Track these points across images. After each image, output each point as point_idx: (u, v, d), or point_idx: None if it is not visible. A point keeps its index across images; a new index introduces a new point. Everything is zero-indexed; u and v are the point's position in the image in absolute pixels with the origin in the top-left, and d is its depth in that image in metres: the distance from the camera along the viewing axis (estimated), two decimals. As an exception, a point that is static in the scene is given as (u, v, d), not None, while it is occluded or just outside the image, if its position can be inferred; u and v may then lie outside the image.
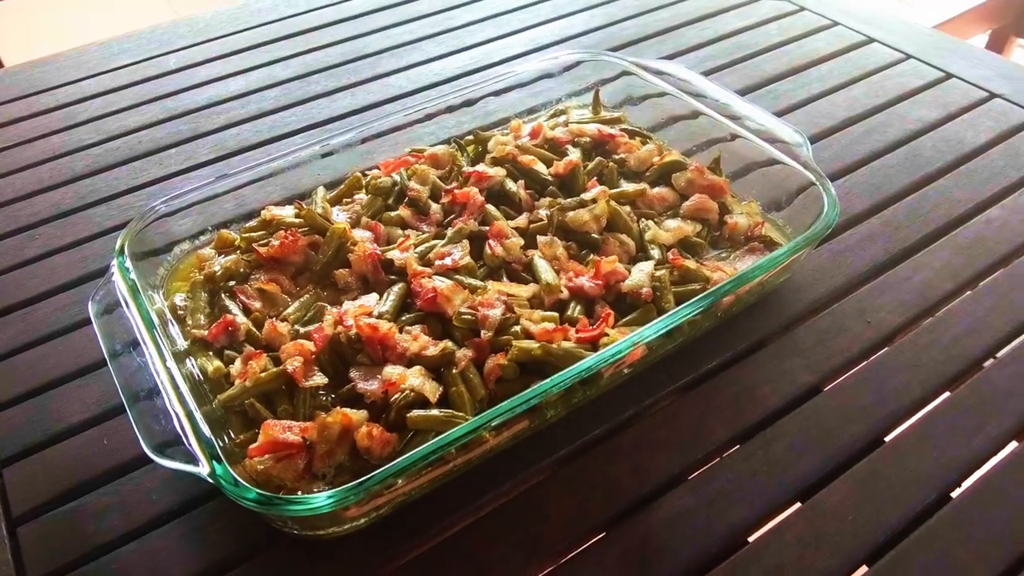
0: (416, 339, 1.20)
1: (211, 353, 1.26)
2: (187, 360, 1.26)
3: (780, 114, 1.83)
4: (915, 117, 1.82)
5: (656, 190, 1.51)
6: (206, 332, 1.27)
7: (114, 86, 2.06)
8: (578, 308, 1.27)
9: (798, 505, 1.14)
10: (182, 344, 1.28)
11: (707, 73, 1.96)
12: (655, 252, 1.37)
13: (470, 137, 1.65)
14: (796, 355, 1.32)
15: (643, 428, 1.22)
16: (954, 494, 1.14)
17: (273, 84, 2.04)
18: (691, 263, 1.34)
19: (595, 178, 1.50)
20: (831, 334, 1.35)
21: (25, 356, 1.39)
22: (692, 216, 1.46)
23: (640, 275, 1.30)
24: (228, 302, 1.33)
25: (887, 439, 1.21)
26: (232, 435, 1.16)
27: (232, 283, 1.36)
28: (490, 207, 1.44)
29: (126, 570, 1.09)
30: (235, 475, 0.99)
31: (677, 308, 1.19)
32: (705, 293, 1.21)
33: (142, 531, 1.14)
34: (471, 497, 1.14)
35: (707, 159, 1.57)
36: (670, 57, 2.03)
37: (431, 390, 1.13)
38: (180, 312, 1.34)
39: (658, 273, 1.30)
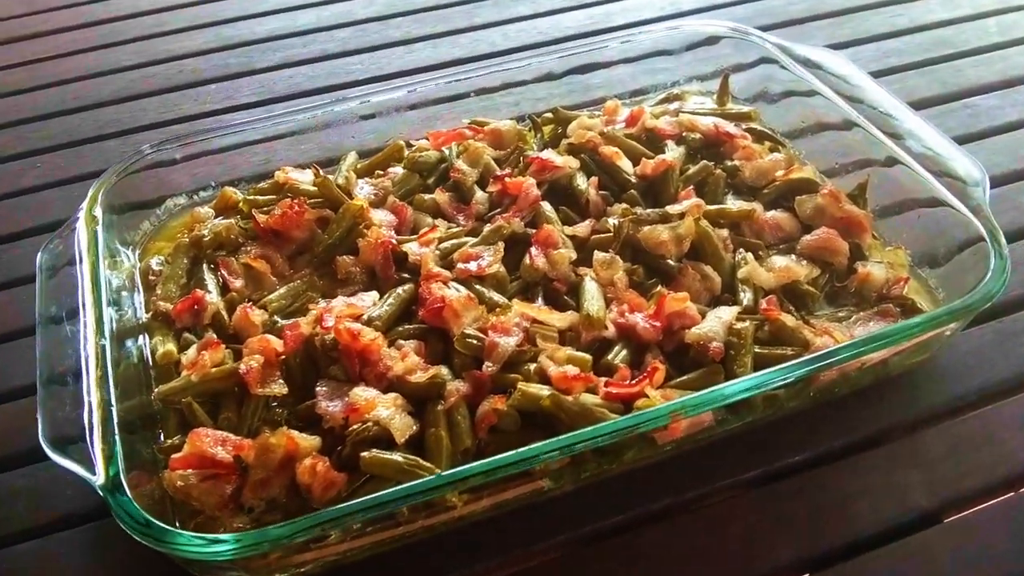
0: (404, 358, 1.12)
1: (170, 333, 1.23)
2: (141, 336, 1.23)
3: (973, 138, 1.62)
4: None
5: (771, 214, 1.36)
6: (172, 306, 1.24)
7: (172, 3, 2.11)
8: (623, 353, 1.15)
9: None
10: (142, 316, 1.26)
11: (885, 73, 1.78)
12: (746, 296, 1.23)
13: (549, 115, 1.55)
14: (915, 466, 1.15)
15: (678, 527, 1.09)
16: None
17: (347, 23, 2.03)
18: (790, 318, 1.19)
19: (691, 187, 1.37)
20: (972, 446, 1.17)
21: (-12, 299, 1.41)
22: (811, 255, 1.30)
23: (714, 323, 1.16)
24: (207, 275, 1.30)
25: (1019, 607, 1.02)
26: (163, 437, 1.12)
27: (222, 253, 1.33)
28: (545, 205, 1.35)
29: (12, 573, 1.07)
30: (130, 496, 0.94)
31: (751, 376, 1.06)
32: (796, 362, 1.06)
33: (46, 530, 1.12)
34: (429, 573, 1.04)
35: (851, 184, 1.40)
36: (841, 46, 1.85)
37: (401, 427, 1.04)
38: (152, 278, 1.32)
39: (739, 325, 1.16)
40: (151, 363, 1.20)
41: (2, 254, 1.49)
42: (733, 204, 1.38)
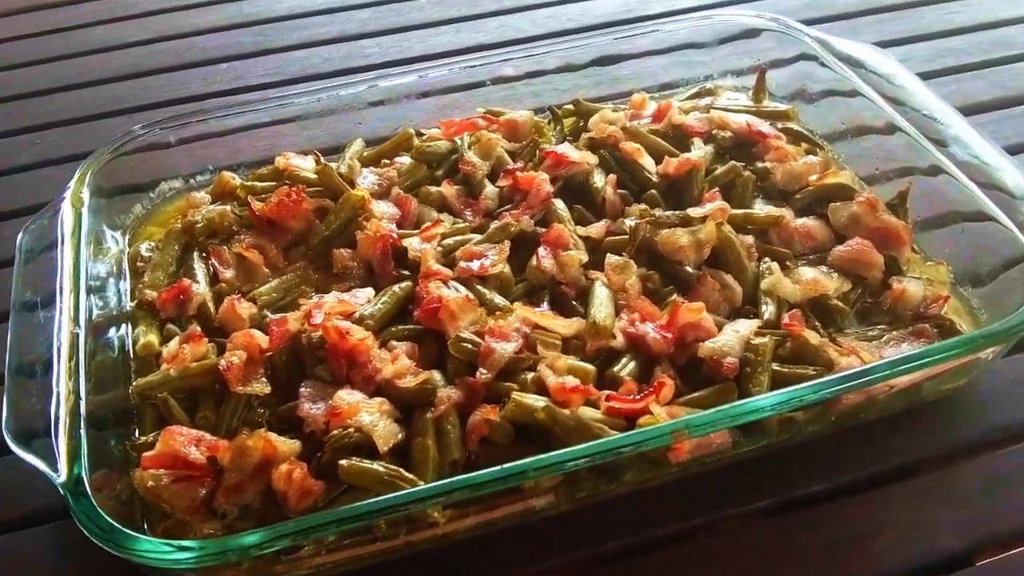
0: (395, 360, 1.10)
1: (154, 323, 1.22)
2: (123, 326, 1.23)
3: (1029, 147, 1.57)
4: None
5: (802, 221, 1.32)
6: (157, 295, 1.23)
7: (187, -23, 2.11)
8: (631, 365, 1.12)
9: None
10: (127, 304, 1.25)
11: (939, 73, 1.73)
12: (768, 309, 1.19)
13: (570, 107, 1.52)
14: (946, 503, 1.10)
15: (682, 556, 1.06)
16: None
17: (368, 3, 2.02)
18: (814, 335, 1.15)
19: (717, 189, 1.33)
20: (1011, 483, 1.12)
21: (-27, 281, 1.41)
22: (843, 268, 1.26)
23: (731, 337, 1.12)
24: (197, 264, 1.29)
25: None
26: (138, 433, 1.11)
27: (215, 241, 1.32)
28: (558, 203, 1.32)
29: (-26, 573, 1.07)
30: (92, 496, 0.92)
31: (766, 396, 1.02)
32: (814, 383, 1.02)
33: (12, 526, 1.12)
34: (408, 592, 1.03)
35: (890, 192, 1.36)
36: (893, 44, 1.79)
37: (384, 434, 1.02)
38: (140, 264, 1.31)
39: (758, 340, 1.12)
40: (132, 354, 1.19)
41: (-9, 233, 1.49)
42: (760, 209, 1.34)
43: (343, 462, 1.00)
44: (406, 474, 0.99)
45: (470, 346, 1.10)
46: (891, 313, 1.23)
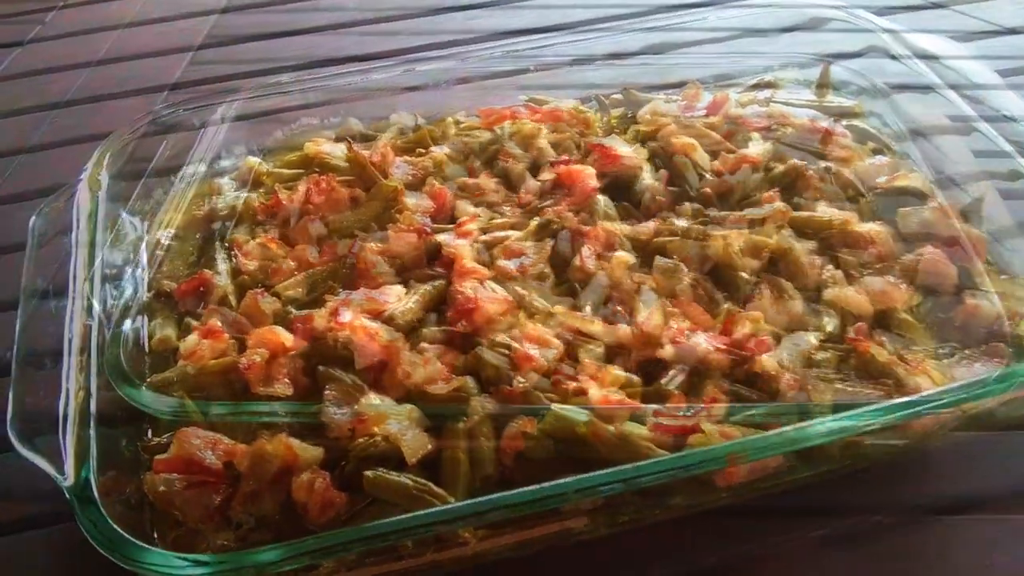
0: (426, 364, 1.06)
1: (172, 316, 1.20)
2: (139, 318, 1.20)
3: None
4: None
5: (867, 226, 1.27)
6: (176, 286, 1.21)
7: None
8: (679, 378, 1.07)
9: None
10: (143, 295, 1.23)
11: (1014, 72, 1.68)
12: (830, 321, 1.15)
13: (618, 96, 1.48)
14: (1012, 541, 1.05)
15: (728, 588, 1.03)
16: None
17: (406, -17, 1.99)
18: (882, 352, 1.10)
19: (777, 189, 1.29)
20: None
21: (-20, 267, 1.40)
22: (911, 278, 1.21)
23: (790, 351, 1.09)
24: (219, 254, 1.27)
25: None
26: (151, 433, 1.08)
27: (239, 230, 1.31)
28: (603, 200, 1.28)
29: (-28, 577, 1.06)
30: (100, 502, 0.90)
31: (830, 418, 0.97)
32: (884, 406, 0.98)
33: (10, 528, 1.11)
34: (433, 617, 0.99)
35: (965, 198, 1.31)
36: (970, 37, 1.76)
37: (413, 445, 0.99)
38: (159, 253, 1.29)
39: (820, 356, 1.08)
40: (147, 349, 1.17)
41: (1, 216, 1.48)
42: (824, 211, 1.29)
43: (368, 473, 0.97)
44: (436, 489, 0.96)
45: (507, 352, 1.07)
46: (963, 330, 1.17)
